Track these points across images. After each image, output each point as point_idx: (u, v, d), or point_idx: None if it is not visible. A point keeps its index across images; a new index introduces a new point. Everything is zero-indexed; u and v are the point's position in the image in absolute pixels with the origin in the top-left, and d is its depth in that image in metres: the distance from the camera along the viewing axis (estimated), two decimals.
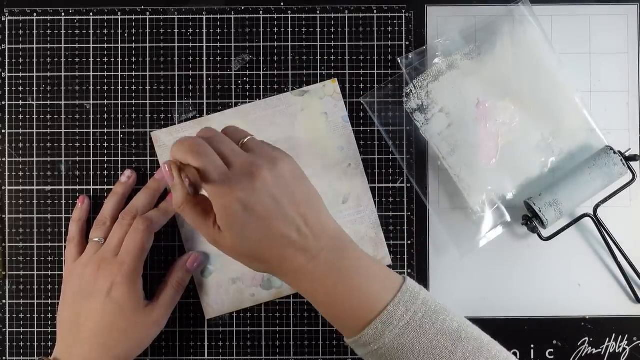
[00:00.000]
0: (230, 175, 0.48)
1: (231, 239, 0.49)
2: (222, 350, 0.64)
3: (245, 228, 0.48)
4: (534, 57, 0.62)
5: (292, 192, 0.49)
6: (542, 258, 0.64)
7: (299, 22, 0.65)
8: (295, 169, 0.51)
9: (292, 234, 0.49)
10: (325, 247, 0.50)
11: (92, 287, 0.57)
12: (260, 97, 0.64)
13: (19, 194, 0.64)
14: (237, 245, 0.49)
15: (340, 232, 0.51)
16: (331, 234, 0.51)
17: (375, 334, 0.48)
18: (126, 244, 0.59)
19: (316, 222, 0.50)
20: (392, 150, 0.64)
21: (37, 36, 0.65)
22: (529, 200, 0.60)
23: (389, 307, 0.49)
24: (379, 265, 0.52)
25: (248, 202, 0.48)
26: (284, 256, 0.49)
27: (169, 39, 0.65)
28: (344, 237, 0.51)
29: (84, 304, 0.57)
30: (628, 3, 0.64)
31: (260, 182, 0.48)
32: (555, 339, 0.64)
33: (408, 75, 0.63)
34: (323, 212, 0.51)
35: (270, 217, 0.48)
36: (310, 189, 0.52)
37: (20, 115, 0.64)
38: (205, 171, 0.47)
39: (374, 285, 0.50)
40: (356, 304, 0.49)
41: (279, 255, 0.49)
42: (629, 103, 0.64)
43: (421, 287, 0.51)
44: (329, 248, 0.50)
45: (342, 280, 0.49)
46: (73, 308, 0.58)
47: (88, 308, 0.57)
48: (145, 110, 0.64)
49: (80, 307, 0.58)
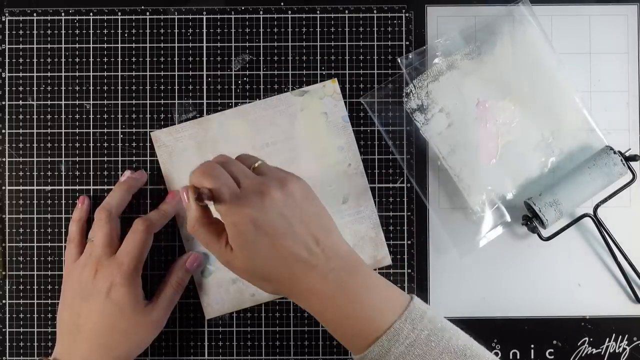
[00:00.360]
0: (241, 194, 0.49)
1: (242, 258, 0.50)
2: (222, 350, 0.64)
3: (255, 246, 0.49)
4: (534, 57, 0.62)
5: (302, 211, 0.50)
6: (542, 258, 0.64)
7: (299, 22, 0.65)
8: (305, 189, 0.52)
9: (302, 253, 0.49)
10: (335, 267, 0.50)
11: (91, 288, 0.57)
12: (260, 97, 0.64)
13: (19, 194, 0.64)
14: (248, 265, 0.50)
15: (351, 252, 0.52)
16: (342, 254, 0.51)
17: (381, 351, 0.49)
18: (125, 245, 0.59)
19: (327, 242, 0.50)
20: (392, 150, 0.64)
21: (37, 36, 0.65)
22: (529, 200, 0.60)
23: (396, 325, 0.49)
24: (387, 284, 0.52)
25: (257, 220, 0.48)
26: (294, 275, 0.50)
27: (169, 39, 0.65)
28: (354, 257, 0.52)
29: (83, 305, 0.57)
30: (628, 3, 0.64)
31: (270, 201, 0.49)
32: (555, 339, 0.64)
33: (408, 75, 0.63)
34: (334, 232, 0.52)
35: (280, 235, 0.49)
36: (321, 209, 0.52)
37: (20, 115, 0.64)
38: (218, 191, 0.48)
39: (382, 304, 0.50)
40: (364, 322, 0.50)
41: (289, 275, 0.50)
42: (629, 103, 0.64)
43: (428, 306, 0.51)
44: (339, 268, 0.50)
45: (352, 300, 0.50)
46: (72, 309, 0.58)
47: (88, 309, 0.57)
48: (145, 110, 0.64)
49: (80, 308, 0.58)
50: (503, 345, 0.64)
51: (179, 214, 0.63)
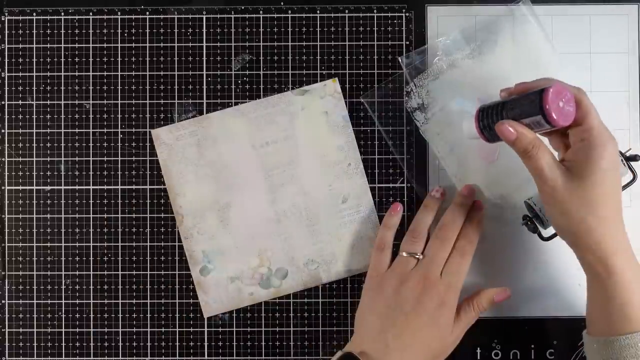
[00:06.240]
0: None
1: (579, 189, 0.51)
2: (222, 351, 0.64)
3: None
4: (535, 57, 0.62)
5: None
6: (542, 258, 0.64)
7: (299, 22, 0.65)
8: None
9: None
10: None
11: (413, 304, 0.57)
12: (260, 96, 0.64)
13: (19, 194, 0.64)
14: (574, 196, 0.51)
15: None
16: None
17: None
18: (452, 266, 0.59)
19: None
20: (392, 150, 0.64)
21: (37, 36, 0.65)
22: (529, 200, 0.60)
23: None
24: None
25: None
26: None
27: (169, 38, 0.65)
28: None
29: (399, 318, 0.57)
30: (628, 3, 0.64)
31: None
32: (555, 339, 0.64)
33: (408, 74, 0.63)
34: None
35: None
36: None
37: (20, 115, 0.64)
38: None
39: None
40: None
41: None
42: (629, 103, 0.64)
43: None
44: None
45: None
46: (386, 318, 0.58)
47: (404, 323, 0.57)
48: (145, 110, 0.64)
49: (395, 320, 0.57)
50: (503, 345, 0.64)
51: (177, 213, 0.63)
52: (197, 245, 0.63)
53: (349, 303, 0.64)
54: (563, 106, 0.51)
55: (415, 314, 0.57)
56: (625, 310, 0.51)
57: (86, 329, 0.64)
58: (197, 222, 0.63)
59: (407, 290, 0.58)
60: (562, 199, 0.51)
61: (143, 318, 0.64)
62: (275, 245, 0.64)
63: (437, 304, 0.57)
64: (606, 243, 0.51)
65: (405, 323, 0.57)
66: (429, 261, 0.59)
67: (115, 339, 0.64)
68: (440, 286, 0.58)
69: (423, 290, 0.57)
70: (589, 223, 0.51)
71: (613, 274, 0.51)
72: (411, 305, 0.57)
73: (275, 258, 0.64)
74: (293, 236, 0.64)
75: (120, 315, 0.64)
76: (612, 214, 0.52)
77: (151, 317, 0.64)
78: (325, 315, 0.64)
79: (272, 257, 0.64)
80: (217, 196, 0.63)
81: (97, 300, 0.64)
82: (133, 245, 0.64)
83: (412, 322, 0.57)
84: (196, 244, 0.63)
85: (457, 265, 0.59)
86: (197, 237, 0.63)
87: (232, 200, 0.63)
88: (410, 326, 0.57)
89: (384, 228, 0.62)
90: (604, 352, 0.52)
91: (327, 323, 0.64)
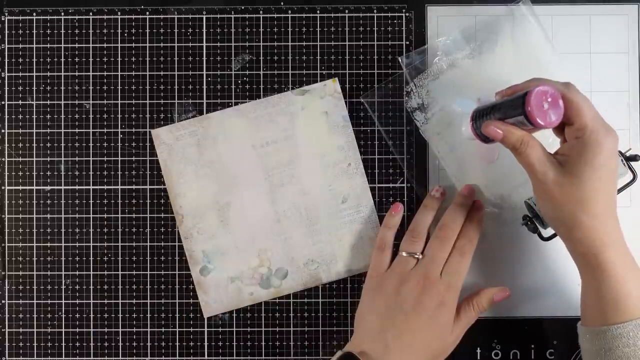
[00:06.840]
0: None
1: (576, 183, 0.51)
2: (222, 351, 0.64)
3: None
4: (535, 57, 0.62)
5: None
6: (542, 258, 0.64)
7: (299, 22, 0.65)
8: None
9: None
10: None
11: (413, 303, 0.57)
12: (260, 96, 0.64)
13: (19, 194, 0.64)
14: (565, 191, 0.51)
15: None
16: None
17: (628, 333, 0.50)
18: (451, 266, 0.59)
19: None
20: (392, 150, 0.64)
21: (37, 36, 0.65)
22: (529, 200, 0.60)
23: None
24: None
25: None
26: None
27: (169, 38, 0.65)
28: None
29: (399, 318, 0.57)
30: (628, 3, 0.64)
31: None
32: (555, 339, 0.64)
33: (408, 74, 0.63)
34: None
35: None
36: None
37: (20, 115, 0.64)
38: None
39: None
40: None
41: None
42: (629, 103, 0.64)
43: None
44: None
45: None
46: (386, 318, 0.58)
47: (404, 323, 0.57)
48: (145, 110, 0.64)
49: (395, 319, 0.57)
50: (503, 346, 0.64)
51: (177, 213, 0.63)
52: (197, 245, 0.63)
53: (349, 303, 0.64)
54: (548, 108, 0.50)
55: (415, 313, 0.57)
56: (617, 301, 0.51)
57: (86, 329, 0.64)
58: (197, 222, 0.63)
59: (407, 290, 0.58)
60: (553, 194, 0.51)
61: (143, 318, 0.64)
62: (275, 245, 0.64)
63: (437, 303, 0.57)
64: (597, 237, 0.51)
65: (405, 323, 0.57)
66: (428, 261, 0.59)
67: (115, 339, 0.64)
68: (440, 286, 0.58)
69: (423, 290, 0.57)
70: (580, 218, 0.51)
71: (604, 267, 0.51)
72: (411, 305, 0.57)
73: (275, 258, 0.64)
74: (293, 236, 0.64)
75: (120, 315, 0.64)
76: (604, 211, 0.52)
77: (151, 317, 0.64)
78: (325, 315, 0.64)
79: (272, 257, 0.64)
80: (217, 196, 0.63)
81: (97, 300, 0.64)
82: (133, 245, 0.64)
83: (412, 322, 0.57)
84: (196, 244, 0.63)
85: (457, 265, 0.59)
86: (197, 237, 0.63)
87: (232, 200, 0.63)
88: (410, 326, 0.57)
89: (385, 228, 0.62)
90: (597, 342, 0.52)
91: (327, 323, 0.64)
